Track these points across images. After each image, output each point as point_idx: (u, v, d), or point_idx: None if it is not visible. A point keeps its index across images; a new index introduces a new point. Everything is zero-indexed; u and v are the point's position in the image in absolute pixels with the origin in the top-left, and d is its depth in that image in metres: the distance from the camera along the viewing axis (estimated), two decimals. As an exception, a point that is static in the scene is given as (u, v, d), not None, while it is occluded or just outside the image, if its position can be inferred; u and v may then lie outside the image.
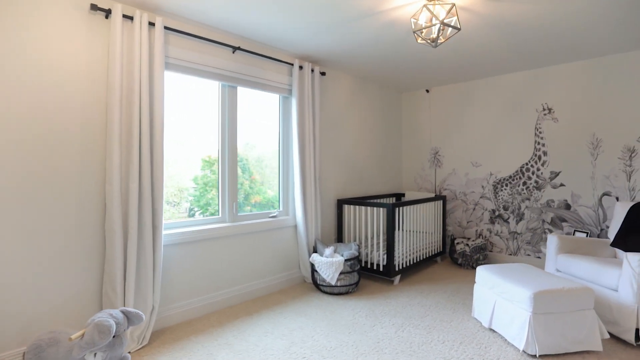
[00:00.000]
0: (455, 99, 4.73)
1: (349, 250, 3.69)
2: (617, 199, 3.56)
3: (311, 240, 3.81)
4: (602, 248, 3.13)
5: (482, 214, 4.51)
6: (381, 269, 3.77)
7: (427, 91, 4.98)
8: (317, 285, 3.55)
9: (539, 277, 2.59)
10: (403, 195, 5.07)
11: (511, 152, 4.26)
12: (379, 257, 3.82)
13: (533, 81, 4.07)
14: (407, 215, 4.01)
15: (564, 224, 3.89)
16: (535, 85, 4.06)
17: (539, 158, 4.04)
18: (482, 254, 4.19)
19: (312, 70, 3.80)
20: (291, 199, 3.81)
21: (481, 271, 2.86)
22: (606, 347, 2.45)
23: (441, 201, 4.56)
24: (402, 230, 3.80)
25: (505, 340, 2.55)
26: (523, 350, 2.37)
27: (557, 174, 3.93)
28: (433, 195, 4.70)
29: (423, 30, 2.41)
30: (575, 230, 3.61)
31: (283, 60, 3.57)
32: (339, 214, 4.17)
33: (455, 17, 2.46)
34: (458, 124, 4.71)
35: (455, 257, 4.32)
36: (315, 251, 3.78)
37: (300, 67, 3.70)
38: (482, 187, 4.50)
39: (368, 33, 3.09)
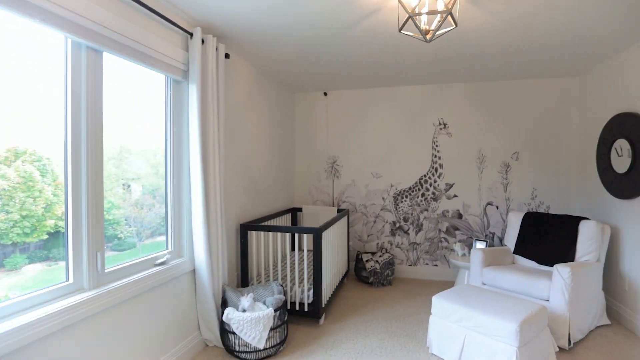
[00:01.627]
0: (355, 106, 4.46)
1: (272, 295, 2.80)
2: (497, 207, 4.05)
3: (218, 288, 2.71)
4: (505, 256, 3.40)
5: (383, 226, 4.40)
6: (306, 308, 3.05)
7: (325, 94, 4.53)
8: (234, 352, 2.52)
9: (502, 301, 2.48)
10: (300, 210, 4.45)
11: (411, 163, 4.30)
12: (302, 294, 3.08)
13: (431, 96, 4.21)
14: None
15: (457, 232, 4.18)
16: (433, 100, 4.21)
17: (436, 170, 4.21)
18: (390, 269, 4.05)
19: (217, 49, 2.70)
20: (186, 230, 2.60)
21: (441, 302, 2.57)
22: (552, 359, 2.56)
23: (346, 216, 4.19)
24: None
25: (483, 378, 2.32)
26: (511, 390, 2.17)
27: (451, 186, 4.18)
28: (335, 209, 4.28)
29: (420, 16, 1.88)
30: (476, 240, 3.89)
31: (179, 24, 2.35)
32: (243, 244, 3.18)
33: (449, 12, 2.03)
34: (358, 133, 4.46)
35: (365, 275, 4.03)
36: (224, 303, 2.70)
37: (203, 41, 2.55)
38: (383, 198, 4.40)
39: (310, 7, 2.33)
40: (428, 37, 1.94)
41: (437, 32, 1.93)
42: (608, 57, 3.22)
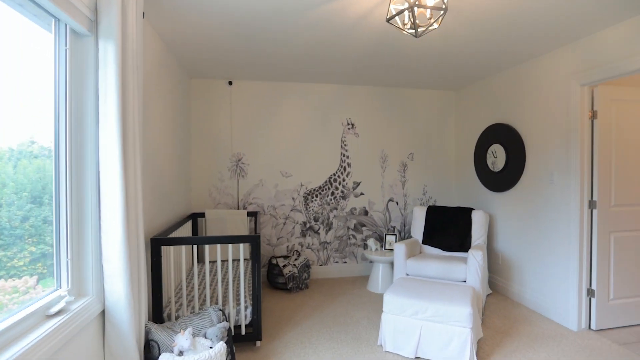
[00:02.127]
0: (264, 99, 4.08)
1: (211, 325, 2.24)
2: (397, 203, 4.44)
3: (141, 330, 1.97)
4: (416, 246, 3.75)
5: (294, 227, 4.19)
6: (244, 331, 2.59)
7: (230, 83, 3.97)
8: (175, 411, 1.88)
9: (443, 289, 2.69)
10: (202, 215, 3.77)
11: (321, 162, 4.24)
12: (237, 315, 2.60)
13: (340, 95, 4.25)
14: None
15: (363, 228, 4.37)
16: (342, 99, 4.26)
17: (344, 169, 4.29)
18: (307, 272, 3.89)
19: (136, 1, 1.94)
20: (92, 255, 1.78)
21: (394, 299, 2.59)
22: (473, 332, 2.94)
23: (255, 219, 3.79)
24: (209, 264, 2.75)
25: (440, 364, 2.45)
26: (468, 368, 2.37)
27: (358, 184, 4.34)
28: (244, 212, 3.82)
29: (421, 8, 1.81)
30: (386, 234, 4.13)
31: (92, -52, 1.57)
32: (155, 263, 2.44)
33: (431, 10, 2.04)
34: (267, 129, 4.10)
35: (282, 282, 3.74)
36: (149, 349, 1.98)
37: (121, -17, 1.79)
38: (293, 199, 4.18)
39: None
40: (420, 30, 1.90)
41: (430, 28, 1.91)
42: (483, 78, 3.96)
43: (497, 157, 3.72)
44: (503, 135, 3.64)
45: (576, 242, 2.87)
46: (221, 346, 2.00)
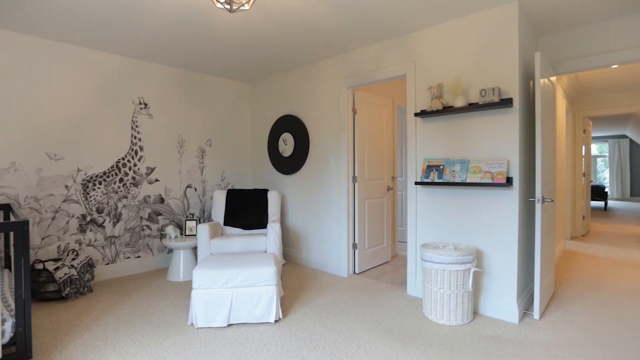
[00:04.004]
0: (17, 57, 3.08)
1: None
2: (195, 189, 4.34)
3: None
4: (218, 229, 3.82)
5: (68, 222, 3.38)
6: (0, 354, 1.95)
7: (-44, 24, 2.76)
8: None
9: (249, 258, 2.92)
10: None
11: (105, 144, 3.60)
12: (-9, 332, 1.93)
13: (131, 71, 3.74)
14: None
15: (159, 217, 4.02)
16: (133, 75, 3.76)
17: (136, 153, 3.82)
18: (90, 273, 3.23)
19: None
20: None
21: (204, 273, 2.60)
22: (274, 295, 3.29)
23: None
24: None
25: (251, 324, 2.63)
26: (275, 320, 2.66)
27: (152, 170, 3.95)
28: (-14, 205, 2.79)
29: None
30: (186, 220, 3.92)
31: None
32: None
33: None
34: (24, 98, 3.11)
35: (54, 289, 2.97)
36: None
37: None
38: (67, 187, 3.37)
39: None
40: (234, 7, 2.01)
41: (241, 8, 2.05)
42: (277, 74, 4.46)
43: (287, 144, 4.31)
44: (292, 125, 4.25)
45: (345, 209, 3.73)
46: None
